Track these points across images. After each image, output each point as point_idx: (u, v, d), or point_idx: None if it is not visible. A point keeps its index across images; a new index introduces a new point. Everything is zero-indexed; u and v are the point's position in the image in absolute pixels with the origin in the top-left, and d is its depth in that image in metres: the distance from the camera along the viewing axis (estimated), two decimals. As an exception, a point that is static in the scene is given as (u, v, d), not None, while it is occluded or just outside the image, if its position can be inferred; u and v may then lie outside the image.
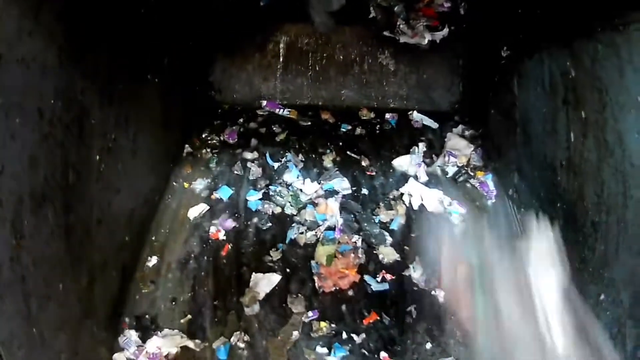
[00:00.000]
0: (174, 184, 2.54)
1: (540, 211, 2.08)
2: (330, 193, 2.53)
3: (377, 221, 2.40)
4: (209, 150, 2.77)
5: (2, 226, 1.21)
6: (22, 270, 1.29)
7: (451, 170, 2.67)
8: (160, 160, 2.43)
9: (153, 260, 2.18)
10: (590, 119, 1.72)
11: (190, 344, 1.89)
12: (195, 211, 2.37)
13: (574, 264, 1.83)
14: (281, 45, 3.15)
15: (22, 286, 1.29)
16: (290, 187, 2.55)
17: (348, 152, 2.82)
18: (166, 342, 1.87)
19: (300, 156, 2.75)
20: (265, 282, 2.10)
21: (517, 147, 2.37)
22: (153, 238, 2.27)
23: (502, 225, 2.34)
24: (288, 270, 2.18)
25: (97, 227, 1.74)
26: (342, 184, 2.56)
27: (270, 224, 2.38)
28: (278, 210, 2.44)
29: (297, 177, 2.60)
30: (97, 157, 1.72)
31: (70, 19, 1.49)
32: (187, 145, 2.77)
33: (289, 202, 2.47)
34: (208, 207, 2.41)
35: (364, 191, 2.57)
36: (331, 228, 2.35)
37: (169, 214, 2.38)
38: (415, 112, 3.09)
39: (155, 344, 1.86)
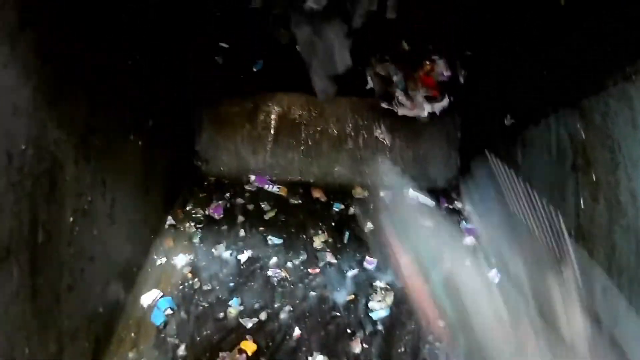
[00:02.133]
0: (154, 257, 2.34)
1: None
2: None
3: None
4: (192, 224, 2.59)
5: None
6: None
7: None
8: (139, 230, 2.23)
9: (130, 335, 1.98)
10: (602, 182, 1.64)
11: None
12: (148, 298, 2.15)
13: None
14: (272, 116, 3.04)
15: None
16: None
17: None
18: None
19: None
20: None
21: (520, 220, 2.24)
22: (130, 312, 2.06)
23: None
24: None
25: (67, 294, 1.55)
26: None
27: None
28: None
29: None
30: (71, 219, 1.55)
31: (48, 56, 1.37)
32: (169, 217, 2.59)
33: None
34: (161, 294, 2.17)
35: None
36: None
37: (147, 288, 2.17)
38: (410, 189, 2.92)
39: None
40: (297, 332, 2.08)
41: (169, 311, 2.09)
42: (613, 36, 1.56)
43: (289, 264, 2.42)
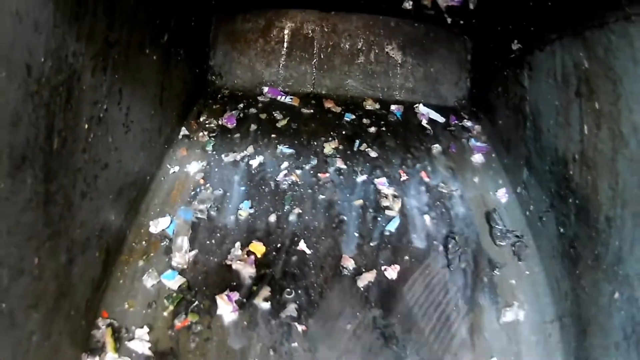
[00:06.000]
0: (168, 166, 2.43)
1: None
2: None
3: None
4: (206, 133, 2.67)
5: (-27, 183, 1.10)
6: (-7, 236, 1.17)
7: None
8: (153, 139, 2.31)
9: (141, 243, 2.07)
10: (604, 110, 1.68)
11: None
12: (160, 225, 2.16)
13: (587, 261, 1.75)
14: (286, 31, 3.08)
15: (-9, 253, 1.17)
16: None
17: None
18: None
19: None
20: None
21: (527, 141, 2.29)
22: (142, 221, 2.15)
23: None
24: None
25: (80, 201, 1.62)
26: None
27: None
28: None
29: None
30: (86, 126, 1.62)
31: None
32: (183, 128, 2.67)
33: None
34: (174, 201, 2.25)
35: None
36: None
37: (160, 197, 2.27)
38: (421, 105, 3.01)
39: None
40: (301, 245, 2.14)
41: (181, 217, 2.16)
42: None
43: (299, 171, 2.49)
